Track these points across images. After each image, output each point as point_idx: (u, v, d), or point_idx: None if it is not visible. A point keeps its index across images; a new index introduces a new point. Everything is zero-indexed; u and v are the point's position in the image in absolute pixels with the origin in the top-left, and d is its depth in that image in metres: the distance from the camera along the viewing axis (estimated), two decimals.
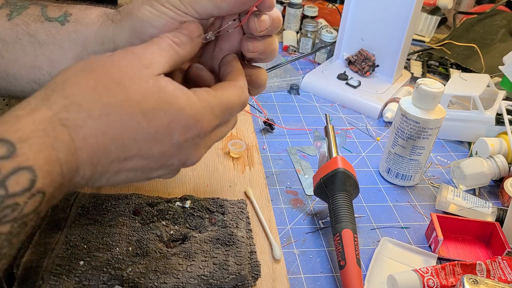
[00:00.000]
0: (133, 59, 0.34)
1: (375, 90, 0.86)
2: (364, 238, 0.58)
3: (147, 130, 0.34)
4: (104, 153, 0.33)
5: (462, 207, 0.61)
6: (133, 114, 0.33)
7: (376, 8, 0.84)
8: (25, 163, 0.29)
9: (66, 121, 0.31)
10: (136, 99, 0.33)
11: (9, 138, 0.29)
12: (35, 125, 0.30)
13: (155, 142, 0.34)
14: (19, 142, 0.29)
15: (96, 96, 0.32)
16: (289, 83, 0.88)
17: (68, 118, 0.31)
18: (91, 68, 0.34)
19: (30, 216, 0.30)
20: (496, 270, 0.51)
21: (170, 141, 0.35)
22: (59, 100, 0.32)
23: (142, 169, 0.36)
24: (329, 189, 0.56)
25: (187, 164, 0.38)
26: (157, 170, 0.37)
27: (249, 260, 0.49)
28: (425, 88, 0.60)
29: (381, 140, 0.77)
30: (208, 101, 0.36)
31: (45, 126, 0.30)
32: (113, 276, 0.44)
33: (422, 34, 1.12)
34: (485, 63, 0.96)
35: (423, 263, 0.55)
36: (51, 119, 0.31)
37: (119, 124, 0.33)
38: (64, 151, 0.31)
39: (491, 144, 0.69)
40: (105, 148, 0.33)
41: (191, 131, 0.35)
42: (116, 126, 0.33)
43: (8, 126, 0.30)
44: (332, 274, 0.52)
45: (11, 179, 0.28)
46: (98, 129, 0.32)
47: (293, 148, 0.73)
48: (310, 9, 1.05)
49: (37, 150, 0.29)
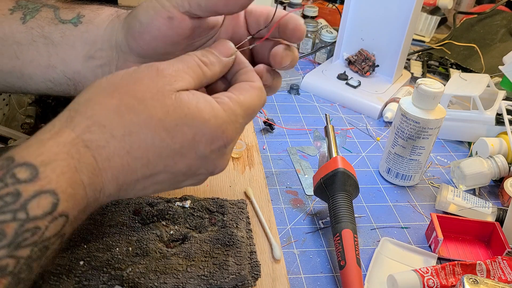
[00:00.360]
0: (156, 75, 0.34)
1: (375, 90, 0.86)
2: (364, 238, 0.58)
3: (172, 146, 0.33)
4: (129, 172, 0.33)
5: (462, 207, 0.61)
6: (156, 132, 0.33)
7: (376, 8, 0.84)
8: (48, 186, 0.29)
9: (89, 143, 0.31)
10: (158, 117, 0.33)
11: (32, 162, 0.29)
12: (59, 147, 0.30)
13: (180, 156, 0.34)
14: (42, 165, 0.29)
15: (118, 116, 0.32)
16: (289, 83, 0.88)
17: (91, 139, 0.32)
18: (114, 86, 0.34)
19: (52, 239, 0.30)
20: (496, 270, 0.51)
21: (195, 154, 0.34)
22: (82, 121, 0.32)
23: (169, 182, 0.36)
24: (329, 189, 0.56)
25: (215, 173, 0.38)
26: (184, 181, 0.37)
27: (249, 260, 0.49)
28: (425, 88, 0.60)
29: (381, 140, 0.77)
30: (232, 109, 0.35)
31: (68, 148, 0.31)
32: (113, 276, 0.44)
33: (422, 34, 1.12)
34: (485, 63, 0.96)
35: (423, 263, 0.55)
36: (74, 140, 0.31)
37: (142, 143, 0.33)
38: (88, 173, 0.31)
39: (491, 144, 0.69)
40: (130, 167, 0.33)
41: (217, 142, 0.35)
42: (139, 144, 0.33)
43: (32, 150, 0.30)
44: (332, 274, 0.52)
45: (33, 202, 0.28)
46: (122, 149, 0.32)
47: (293, 148, 0.73)
48: (310, 9, 1.05)
49: (60, 172, 0.30)
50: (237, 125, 0.36)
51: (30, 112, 1.59)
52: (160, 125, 0.33)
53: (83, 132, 0.31)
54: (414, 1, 0.79)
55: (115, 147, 0.32)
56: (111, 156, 0.32)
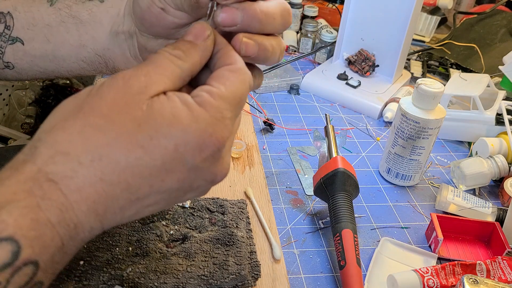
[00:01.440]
0: (122, 86, 0.29)
1: (375, 90, 0.86)
2: (364, 238, 0.58)
3: (152, 163, 0.29)
4: (108, 200, 0.29)
5: (462, 207, 0.61)
6: (130, 150, 0.28)
7: (376, 8, 0.84)
8: (3, 233, 0.25)
9: (53, 175, 0.27)
10: (129, 132, 0.28)
11: None
12: (18, 185, 0.26)
13: (166, 173, 0.29)
14: None
15: (84, 139, 0.28)
16: (289, 83, 0.88)
17: (55, 171, 0.27)
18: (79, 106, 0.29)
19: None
20: (496, 270, 0.51)
21: (183, 166, 0.30)
22: (44, 151, 0.28)
23: (165, 201, 0.31)
24: (329, 189, 0.56)
25: (217, 181, 0.33)
26: (183, 196, 0.32)
27: (249, 260, 0.49)
28: (425, 88, 0.60)
29: (381, 140, 0.77)
30: (215, 106, 0.30)
31: (29, 185, 0.26)
32: (113, 276, 0.44)
33: (422, 34, 1.12)
34: (485, 63, 0.96)
35: (423, 263, 0.55)
36: (36, 175, 0.27)
37: (116, 166, 0.28)
38: (55, 210, 0.27)
39: (491, 144, 0.69)
40: (107, 195, 0.29)
41: (206, 149, 0.30)
42: (113, 168, 0.28)
43: None
44: (332, 274, 0.52)
45: None
46: (93, 176, 0.28)
47: (293, 148, 0.73)
48: (310, 9, 1.05)
49: (19, 215, 0.25)
50: (226, 122, 0.31)
51: (30, 112, 1.59)
52: (132, 141, 0.28)
53: (45, 163, 0.27)
54: (414, 1, 0.79)
55: (85, 175, 0.28)
56: (81, 187, 0.28)
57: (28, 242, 0.25)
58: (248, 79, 0.33)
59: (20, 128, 1.52)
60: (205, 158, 0.30)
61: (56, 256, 0.27)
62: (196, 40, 0.33)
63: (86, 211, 0.28)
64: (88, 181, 0.28)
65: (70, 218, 0.28)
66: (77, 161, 0.28)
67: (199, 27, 0.33)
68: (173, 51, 0.32)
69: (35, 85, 1.54)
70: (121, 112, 0.29)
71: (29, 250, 0.25)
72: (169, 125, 0.29)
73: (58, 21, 0.43)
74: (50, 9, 0.44)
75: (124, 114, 0.28)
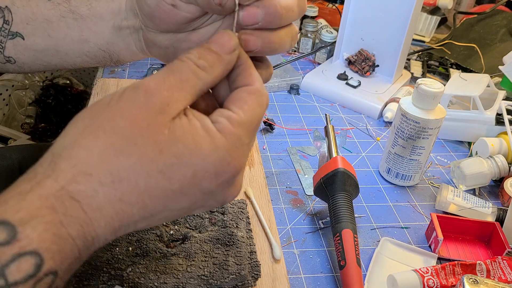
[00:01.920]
0: (144, 103, 0.29)
1: (375, 90, 0.86)
2: (364, 238, 0.58)
3: (169, 187, 0.30)
4: (125, 217, 0.30)
5: (462, 207, 0.61)
6: (150, 174, 0.29)
7: (376, 8, 0.84)
8: (28, 248, 0.26)
9: (75, 194, 0.28)
10: (150, 157, 0.29)
11: (10, 220, 0.26)
12: (41, 201, 0.27)
13: (181, 196, 0.31)
14: (21, 224, 0.26)
15: (105, 160, 0.29)
16: (289, 83, 0.88)
17: (77, 190, 0.28)
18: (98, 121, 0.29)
19: None
20: (496, 270, 0.51)
21: (199, 191, 0.31)
22: (67, 170, 0.29)
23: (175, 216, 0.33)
24: (329, 189, 0.56)
25: (228, 201, 0.34)
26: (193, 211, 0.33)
27: (249, 260, 0.49)
28: (425, 88, 0.60)
29: (381, 140, 0.77)
30: (234, 134, 0.31)
31: (52, 201, 0.28)
32: (113, 276, 0.44)
33: (422, 34, 1.12)
34: (485, 63, 0.96)
35: (423, 263, 0.55)
36: (58, 192, 0.28)
37: (135, 188, 0.29)
38: (76, 226, 0.28)
39: (491, 144, 0.69)
40: (125, 213, 0.30)
41: (223, 176, 0.31)
42: (132, 190, 0.29)
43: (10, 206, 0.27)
44: (332, 274, 0.52)
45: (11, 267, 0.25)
46: (113, 196, 0.29)
47: (293, 148, 0.73)
48: (310, 9, 1.05)
49: (43, 230, 0.27)
50: (244, 148, 0.32)
51: (30, 112, 1.59)
52: (153, 167, 0.29)
53: (68, 182, 0.28)
54: (414, 1, 0.79)
55: (105, 195, 0.29)
56: (102, 206, 0.29)
57: (50, 255, 0.27)
58: (265, 101, 0.33)
59: (20, 128, 1.52)
60: (220, 184, 0.31)
61: (72, 264, 0.29)
62: (222, 52, 0.32)
63: (104, 226, 0.29)
64: (108, 201, 0.29)
65: (89, 232, 0.29)
66: (98, 181, 0.29)
67: (227, 38, 0.33)
68: (198, 61, 0.31)
69: (35, 85, 1.54)
70: (143, 136, 0.29)
71: (51, 262, 0.27)
72: (190, 154, 0.29)
73: (57, 16, 0.43)
74: (48, 3, 0.43)
75: (146, 137, 0.29)
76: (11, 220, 0.26)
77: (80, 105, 1.55)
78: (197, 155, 0.29)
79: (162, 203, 0.30)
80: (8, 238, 0.26)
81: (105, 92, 0.79)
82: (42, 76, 1.56)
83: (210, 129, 0.30)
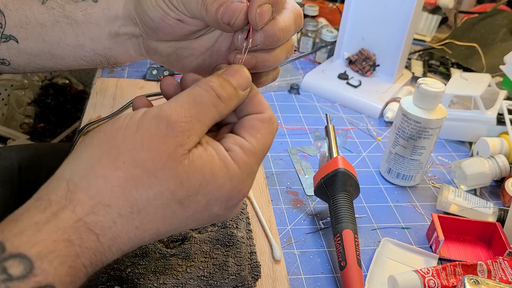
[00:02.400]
0: (165, 135, 0.29)
1: (376, 90, 0.86)
2: (364, 238, 0.58)
3: (184, 215, 0.31)
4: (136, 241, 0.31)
5: (463, 207, 0.61)
6: (168, 205, 0.30)
7: (377, 7, 0.84)
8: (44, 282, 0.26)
9: (93, 226, 0.28)
10: (170, 190, 0.29)
11: (26, 254, 0.26)
12: (58, 234, 0.27)
13: (192, 220, 0.32)
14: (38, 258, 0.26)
15: (125, 192, 0.29)
16: (289, 83, 0.88)
17: (95, 221, 0.28)
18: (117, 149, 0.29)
19: None
20: (497, 270, 0.51)
21: (208, 215, 0.32)
22: (85, 201, 0.28)
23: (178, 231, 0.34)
24: (330, 189, 0.56)
25: (230, 217, 0.36)
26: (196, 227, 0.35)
27: (249, 260, 0.49)
28: (426, 88, 0.60)
29: (382, 140, 0.77)
30: (247, 163, 0.32)
31: (69, 234, 0.28)
32: (112, 277, 0.44)
33: (423, 33, 1.12)
34: (486, 63, 0.95)
35: (424, 264, 0.54)
36: (76, 224, 0.28)
37: (152, 217, 0.30)
38: (90, 255, 0.29)
39: (492, 144, 0.69)
40: (137, 238, 0.30)
41: (232, 201, 0.33)
42: (149, 219, 0.30)
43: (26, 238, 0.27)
44: (332, 275, 0.52)
45: None
46: (130, 226, 0.30)
47: (294, 148, 0.72)
48: (310, 8, 1.05)
49: (59, 264, 0.27)
50: (253, 176, 0.34)
51: (29, 112, 1.59)
52: (173, 198, 0.30)
53: (86, 214, 0.28)
54: (415, 1, 0.79)
55: (123, 225, 0.29)
56: (117, 235, 0.29)
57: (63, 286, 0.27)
58: (276, 128, 0.34)
59: (19, 128, 1.52)
60: (227, 208, 0.33)
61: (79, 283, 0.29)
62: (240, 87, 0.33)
63: (115, 251, 0.30)
64: (124, 230, 0.30)
65: (101, 259, 0.30)
66: (117, 213, 0.29)
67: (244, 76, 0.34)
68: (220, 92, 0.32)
69: (34, 85, 1.54)
70: (164, 168, 0.29)
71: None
72: (207, 184, 0.30)
73: (52, 20, 0.43)
74: (42, 7, 0.43)
75: (167, 170, 0.29)
76: (28, 254, 0.26)
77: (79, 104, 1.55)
78: (213, 184, 0.31)
79: (173, 227, 0.32)
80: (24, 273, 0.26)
81: (105, 91, 0.78)
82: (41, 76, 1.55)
83: (225, 158, 0.31)
